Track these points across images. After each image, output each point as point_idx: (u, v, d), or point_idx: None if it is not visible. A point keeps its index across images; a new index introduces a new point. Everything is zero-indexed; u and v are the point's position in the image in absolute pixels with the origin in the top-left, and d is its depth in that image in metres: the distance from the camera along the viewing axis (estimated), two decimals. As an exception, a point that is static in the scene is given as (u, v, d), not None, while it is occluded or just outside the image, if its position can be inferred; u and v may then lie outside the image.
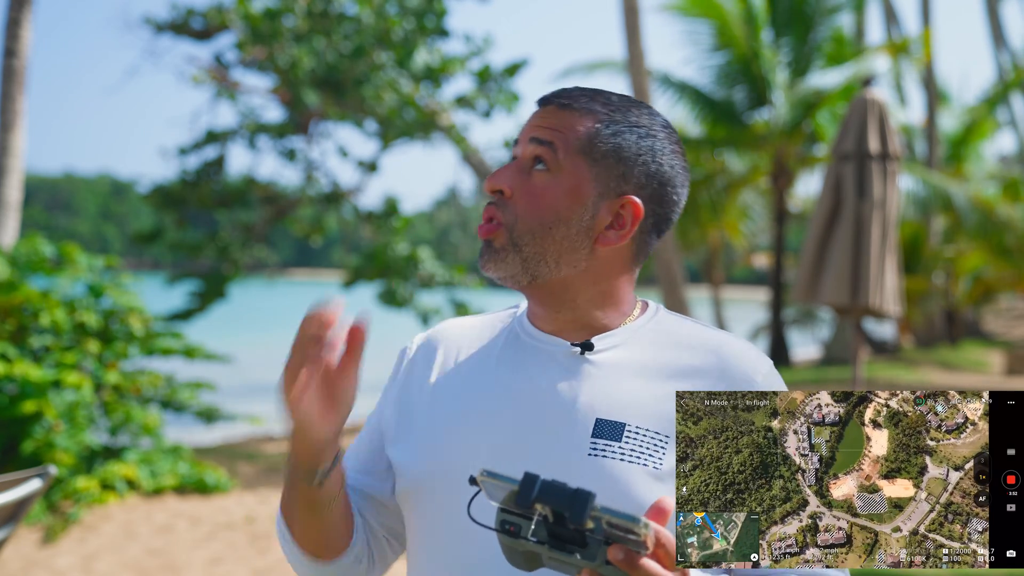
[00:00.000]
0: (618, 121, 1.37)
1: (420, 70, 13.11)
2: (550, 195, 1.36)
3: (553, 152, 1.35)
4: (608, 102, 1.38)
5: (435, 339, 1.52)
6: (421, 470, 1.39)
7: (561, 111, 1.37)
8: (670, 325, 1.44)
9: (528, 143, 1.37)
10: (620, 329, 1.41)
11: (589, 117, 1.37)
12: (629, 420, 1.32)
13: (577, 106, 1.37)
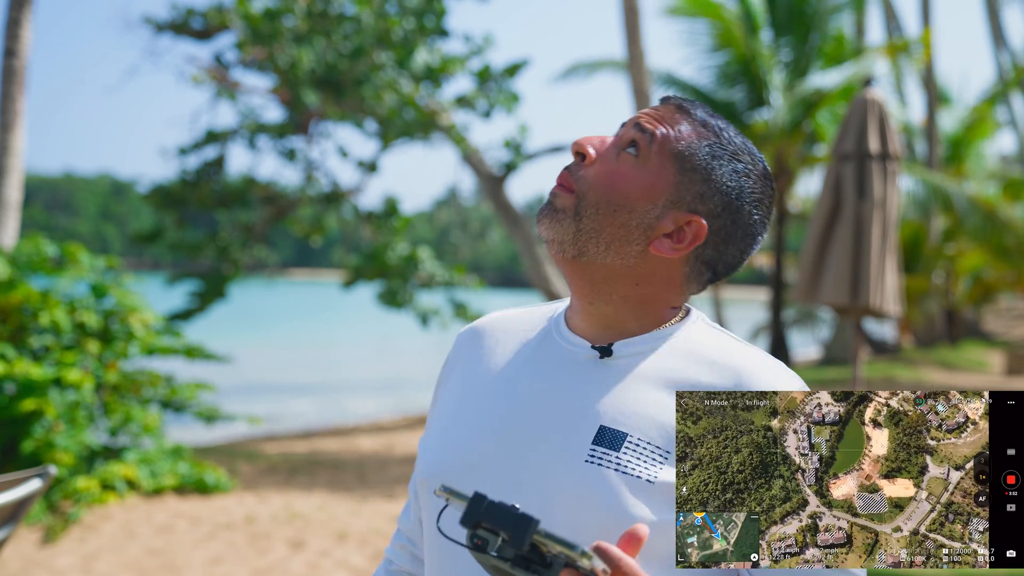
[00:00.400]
0: (722, 147, 1.37)
1: (420, 70, 13.11)
2: (628, 180, 1.35)
3: (648, 143, 1.35)
4: (720, 130, 1.38)
5: (478, 332, 1.53)
6: (426, 464, 1.42)
7: (677, 113, 1.38)
8: (700, 337, 1.39)
9: (632, 127, 1.37)
10: (646, 336, 1.38)
11: (698, 131, 1.37)
12: (632, 431, 1.31)
13: (693, 116, 1.38)
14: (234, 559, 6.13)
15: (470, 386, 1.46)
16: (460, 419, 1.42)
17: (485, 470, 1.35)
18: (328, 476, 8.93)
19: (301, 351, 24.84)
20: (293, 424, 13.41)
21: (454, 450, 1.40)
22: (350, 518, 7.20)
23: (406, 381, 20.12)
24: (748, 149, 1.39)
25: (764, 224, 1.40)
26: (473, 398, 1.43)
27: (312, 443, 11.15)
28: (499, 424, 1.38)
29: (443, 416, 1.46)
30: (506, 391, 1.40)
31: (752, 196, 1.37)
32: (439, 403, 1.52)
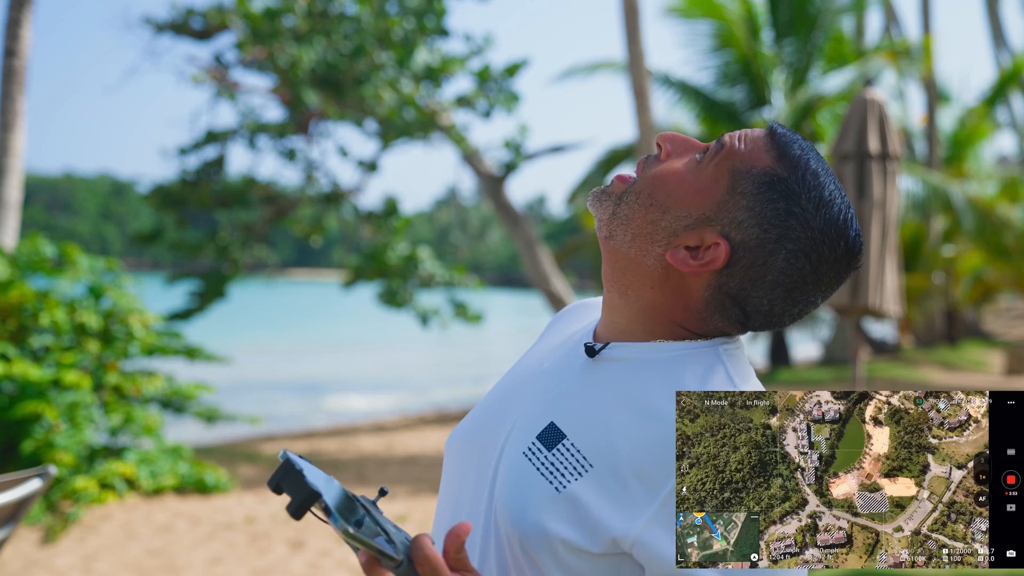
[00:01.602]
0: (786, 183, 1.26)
1: (420, 70, 13.11)
2: (677, 180, 1.30)
3: (715, 152, 1.29)
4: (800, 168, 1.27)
5: (566, 312, 1.56)
6: (452, 435, 1.46)
7: (768, 138, 1.29)
8: (699, 370, 1.29)
9: (718, 140, 1.32)
10: (640, 345, 1.32)
11: (772, 158, 1.28)
12: (572, 436, 1.26)
13: (782, 145, 1.28)
14: (234, 559, 6.12)
15: (522, 363, 1.48)
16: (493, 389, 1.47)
17: (473, 440, 1.39)
18: (328, 476, 8.92)
19: (301, 351, 24.84)
20: (293, 424, 13.40)
21: (469, 418, 1.44)
22: (350, 518, 7.19)
23: (406, 381, 20.11)
24: (821, 199, 1.25)
25: (807, 282, 1.26)
26: (513, 373, 1.46)
27: (312, 443, 11.15)
28: (494, 408, 1.41)
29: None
30: (523, 375, 1.42)
31: (797, 244, 1.24)
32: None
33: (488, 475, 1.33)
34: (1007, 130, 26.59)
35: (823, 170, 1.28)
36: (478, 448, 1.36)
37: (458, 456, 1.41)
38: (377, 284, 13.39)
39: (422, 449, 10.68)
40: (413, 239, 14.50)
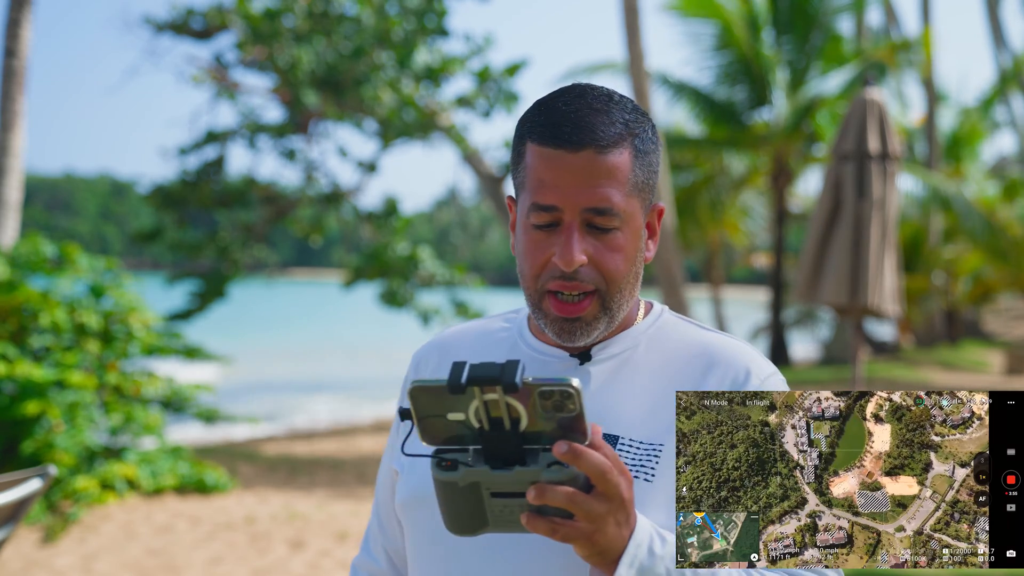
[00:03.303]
0: (643, 135, 1.33)
1: (420, 70, 13.10)
2: (628, 246, 1.32)
3: (616, 213, 1.30)
4: (624, 110, 1.32)
5: (435, 348, 1.51)
6: (419, 490, 1.37)
7: (600, 156, 1.28)
8: (670, 329, 1.41)
9: (584, 211, 1.29)
10: (620, 336, 1.39)
11: (626, 147, 1.31)
12: (622, 433, 1.30)
13: (614, 142, 1.29)
14: (234, 559, 6.12)
15: None
16: None
17: None
18: (328, 476, 8.92)
19: (301, 351, 24.82)
20: (293, 424, 13.40)
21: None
22: (350, 518, 7.19)
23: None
24: (634, 106, 1.36)
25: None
26: None
27: (312, 443, 11.14)
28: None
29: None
30: None
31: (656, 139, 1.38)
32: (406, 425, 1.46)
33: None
34: (1007, 130, 26.56)
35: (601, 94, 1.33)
36: None
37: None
38: (377, 284, 13.38)
39: (422, 449, 10.67)
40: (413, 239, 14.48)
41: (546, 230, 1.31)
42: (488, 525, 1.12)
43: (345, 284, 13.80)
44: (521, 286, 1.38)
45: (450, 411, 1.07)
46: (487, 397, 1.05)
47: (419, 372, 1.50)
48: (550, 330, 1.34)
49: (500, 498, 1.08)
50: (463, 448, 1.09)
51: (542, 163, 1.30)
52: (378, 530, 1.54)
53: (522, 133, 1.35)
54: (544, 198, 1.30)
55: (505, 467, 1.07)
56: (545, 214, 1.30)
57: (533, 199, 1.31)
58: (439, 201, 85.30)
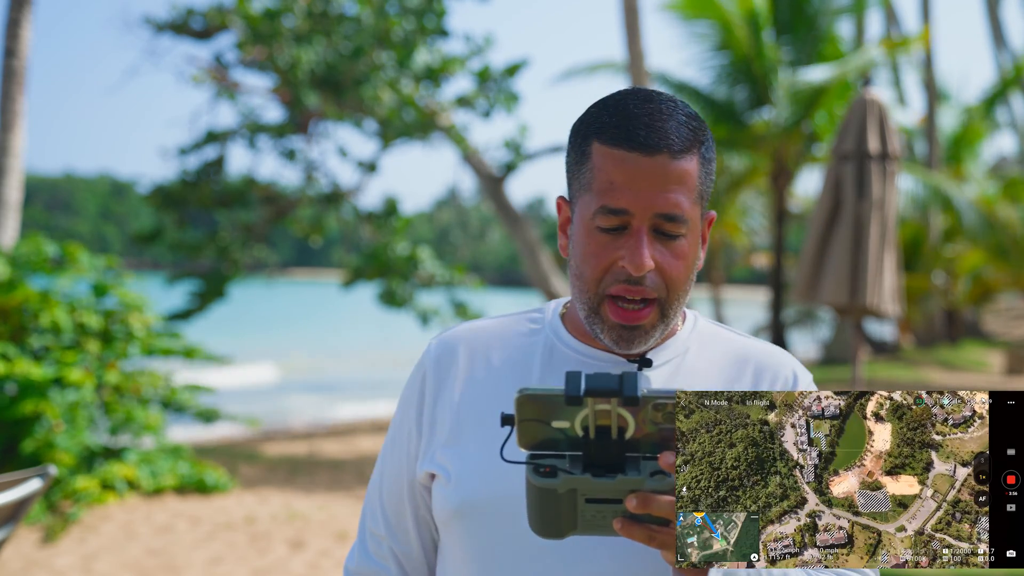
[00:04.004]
0: (707, 143, 1.33)
1: (420, 70, 13.10)
2: (690, 254, 1.32)
3: (685, 220, 1.30)
4: (690, 117, 1.31)
5: (454, 347, 1.44)
6: (479, 495, 1.33)
7: (673, 161, 1.28)
8: (710, 337, 1.42)
9: (655, 216, 1.28)
10: (669, 342, 1.39)
11: (695, 154, 1.30)
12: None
13: (685, 148, 1.29)
14: (234, 559, 6.12)
15: (489, 408, 1.36)
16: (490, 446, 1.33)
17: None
18: (328, 476, 8.92)
19: (301, 351, 24.82)
20: (293, 424, 13.39)
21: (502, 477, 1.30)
22: (350, 518, 7.19)
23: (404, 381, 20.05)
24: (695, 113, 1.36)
25: None
26: (492, 422, 1.34)
27: (312, 443, 11.14)
28: None
29: (470, 443, 1.37)
30: None
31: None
32: (443, 426, 1.40)
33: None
34: (1007, 130, 26.55)
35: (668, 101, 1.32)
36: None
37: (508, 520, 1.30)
38: (377, 284, 13.38)
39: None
40: (413, 239, 14.48)
41: (612, 233, 1.29)
42: (576, 529, 1.13)
43: (345, 284, 13.81)
44: (575, 288, 1.34)
45: (556, 419, 1.08)
46: (599, 407, 1.06)
47: (440, 370, 1.43)
48: (606, 336, 1.32)
49: (595, 504, 1.10)
50: (559, 454, 1.10)
51: (613, 165, 1.28)
52: (385, 533, 1.46)
53: (587, 132, 1.32)
54: (615, 201, 1.28)
55: (607, 475, 1.08)
56: (614, 217, 1.28)
57: (602, 201, 1.28)
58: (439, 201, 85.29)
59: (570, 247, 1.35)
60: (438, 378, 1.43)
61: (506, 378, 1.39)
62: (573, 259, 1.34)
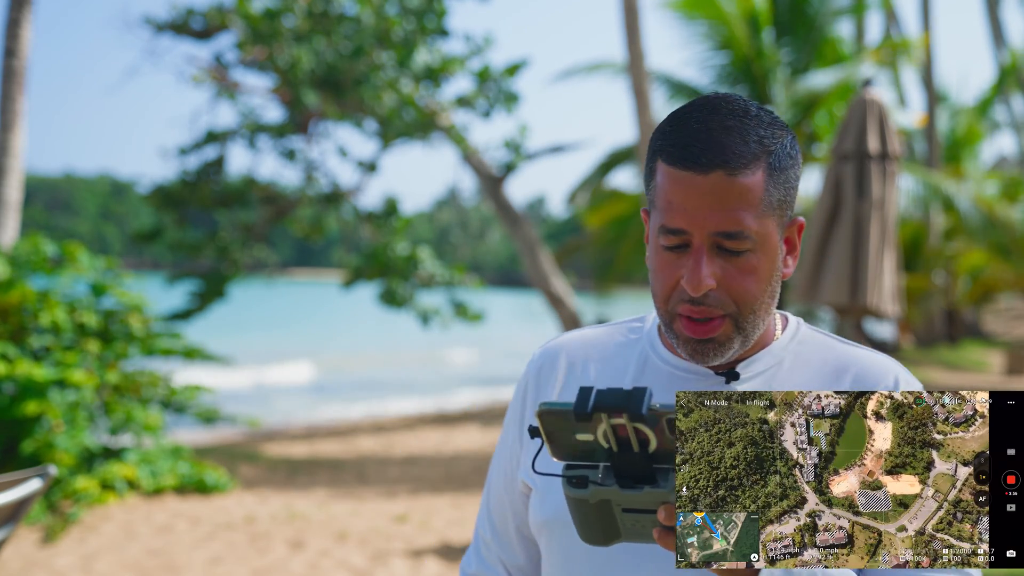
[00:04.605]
0: (779, 151, 1.29)
1: (420, 70, 13.10)
2: (761, 269, 1.29)
3: (750, 235, 1.27)
4: (760, 125, 1.28)
5: (555, 356, 1.46)
6: (557, 503, 1.35)
7: (730, 178, 1.25)
8: (811, 345, 1.39)
9: (713, 235, 1.26)
10: (762, 353, 1.37)
11: (759, 167, 1.27)
12: None
13: (745, 163, 1.25)
14: (234, 559, 6.12)
15: None
16: None
17: None
18: (328, 476, 8.92)
19: (301, 351, 24.82)
20: (293, 424, 13.40)
21: None
22: (350, 518, 7.19)
23: (406, 381, 20.10)
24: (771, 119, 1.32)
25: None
26: None
27: (312, 443, 11.14)
28: None
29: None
30: None
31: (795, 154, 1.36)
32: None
33: None
34: (1007, 130, 26.56)
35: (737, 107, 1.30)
36: None
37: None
38: (377, 284, 13.38)
39: (422, 449, 10.68)
40: (413, 239, 14.49)
41: (675, 252, 1.29)
42: (621, 537, 1.14)
43: (345, 284, 13.81)
44: (654, 302, 1.34)
45: (578, 432, 1.09)
46: (614, 422, 1.07)
47: (541, 379, 1.45)
48: (682, 350, 1.32)
49: (632, 513, 1.11)
50: (593, 465, 1.11)
51: (671, 184, 1.27)
52: (492, 539, 1.50)
53: (655, 149, 1.32)
54: (673, 221, 1.27)
55: (635, 487, 1.09)
56: (673, 237, 1.27)
57: (662, 221, 1.28)
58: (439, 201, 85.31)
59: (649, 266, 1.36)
60: (538, 387, 1.45)
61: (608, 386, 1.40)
62: (650, 273, 1.35)
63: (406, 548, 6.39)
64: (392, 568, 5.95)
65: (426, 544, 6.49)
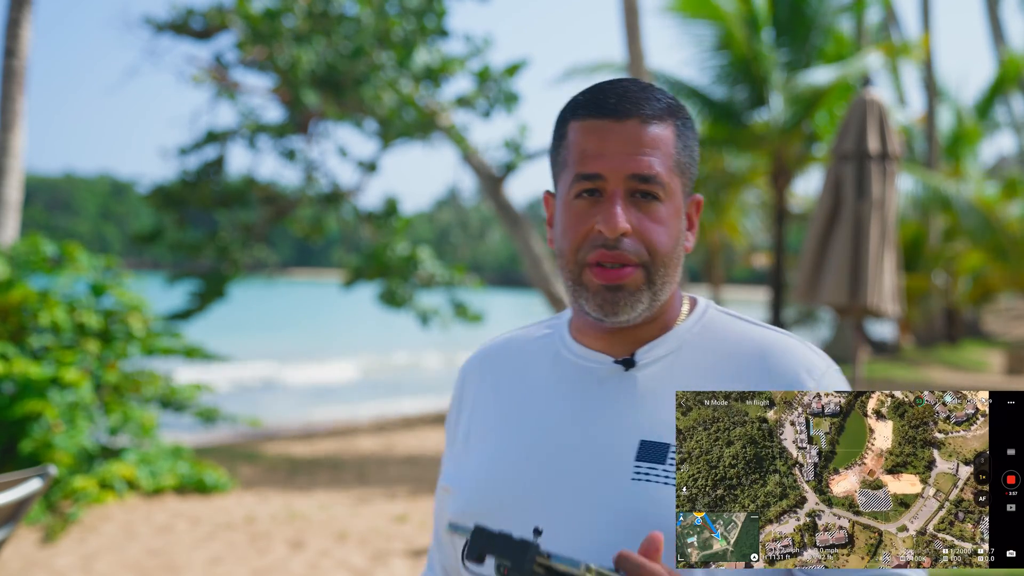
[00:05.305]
0: (685, 120, 1.33)
1: (420, 70, 13.10)
2: (671, 224, 1.30)
3: (660, 182, 1.29)
4: (665, 95, 1.33)
5: (480, 358, 1.48)
6: (472, 505, 1.34)
7: (644, 126, 1.29)
8: (718, 327, 1.36)
9: (628, 178, 1.28)
10: (667, 336, 1.35)
11: (669, 124, 1.31)
12: (673, 440, 1.26)
13: (658, 115, 1.30)
14: (234, 559, 6.12)
15: (492, 421, 1.40)
16: (492, 456, 1.36)
17: (529, 504, 1.29)
18: (328, 476, 8.92)
19: (301, 351, 24.82)
20: (293, 424, 13.39)
21: (493, 488, 1.33)
22: (350, 518, 7.19)
23: (405, 381, 20.10)
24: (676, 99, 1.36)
25: None
26: (499, 432, 1.37)
27: (312, 443, 11.14)
28: (534, 455, 1.32)
29: (472, 454, 1.40)
30: (535, 420, 1.35)
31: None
32: (460, 440, 1.44)
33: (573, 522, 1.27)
34: (1007, 130, 26.54)
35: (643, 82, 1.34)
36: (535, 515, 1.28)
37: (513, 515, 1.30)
38: (377, 284, 13.38)
39: (422, 449, 10.67)
40: (413, 239, 14.49)
41: (589, 199, 1.29)
42: None
43: (345, 284, 13.80)
44: (560, 269, 1.34)
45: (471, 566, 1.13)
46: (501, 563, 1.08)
47: (466, 388, 1.47)
48: (591, 306, 1.30)
49: None
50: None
51: (586, 135, 1.30)
52: (434, 544, 1.51)
53: (564, 118, 1.35)
54: (588, 167, 1.29)
55: None
56: (588, 183, 1.29)
57: (577, 170, 1.30)
58: (439, 201, 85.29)
59: (554, 234, 1.35)
60: (464, 390, 1.47)
61: (511, 391, 1.41)
62: (556, 242, 1.34)
63: (406, 548, 6.39)
64: (392, 568, 5.95)
65: (426, 544, 6.49)
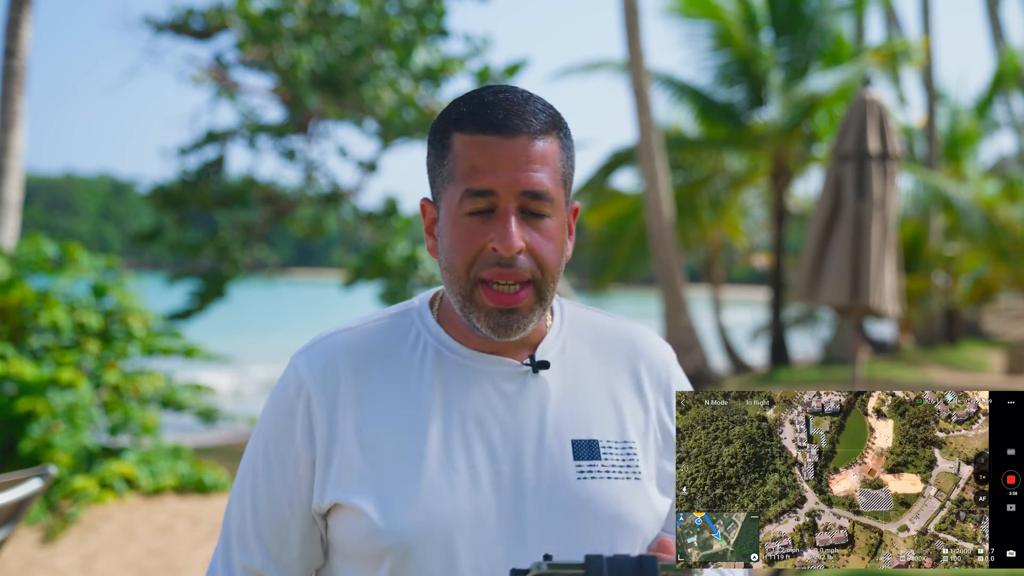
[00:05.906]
0: (566, 130, 1.33)
1: (420, 70, 13.10)
2: (558, 239, 1.30)
3: (551, 199, 1.28)
4: (547, 106, 1.32)
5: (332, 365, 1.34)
6: (411, 526, 1.25)
7: (533, 142, 1.28)
8: (582, 321, 1.41)
9: (521, 195, 1.26)
10: (548, 338, 1.36)
11: (554, 139, 1.31)
12: (600, 436, 1.30)
13: (545, 130, 1.29)
14: (234, 559, 6.11)
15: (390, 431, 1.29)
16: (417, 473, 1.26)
17: (487, 519, 1.25)
18: (328, 476, 8.91)
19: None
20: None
21: (438, 506, 1.25)
22: (350, 518, 7.18)
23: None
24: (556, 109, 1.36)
25: None
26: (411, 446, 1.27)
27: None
28: (475, 466, 1.27)
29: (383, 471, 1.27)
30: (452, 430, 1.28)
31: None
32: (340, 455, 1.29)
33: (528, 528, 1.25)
34: (1007, 130, 26.53)
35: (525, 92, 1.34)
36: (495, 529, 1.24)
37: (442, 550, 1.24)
38: (377, 284, 13.38)
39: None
40: (413, 239, 14.49)
41: (480, 217, 1.27)
42: None
43: (345, 284, 13.81)
44: (447, 282, 1.30)
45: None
46: None
47: (327, 381, 1.32)
48: (482, 324, 1.27)
49: None
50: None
51: (475, 150, 1.27)
52: (262, 567, 1.34)
53: (446, 127, 1.31)
54: (479, 183, 1.26)
55: None
56: (480, 199, 1.27)
57: (467, 185, 1.27)
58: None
59: (439, 244, 1.32)
60: (323, 400, 1.31)
61: (402, 397, 1.31)
62: (442, 254, 1.31)
63: (406, 548, 6.38)
64: None
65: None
